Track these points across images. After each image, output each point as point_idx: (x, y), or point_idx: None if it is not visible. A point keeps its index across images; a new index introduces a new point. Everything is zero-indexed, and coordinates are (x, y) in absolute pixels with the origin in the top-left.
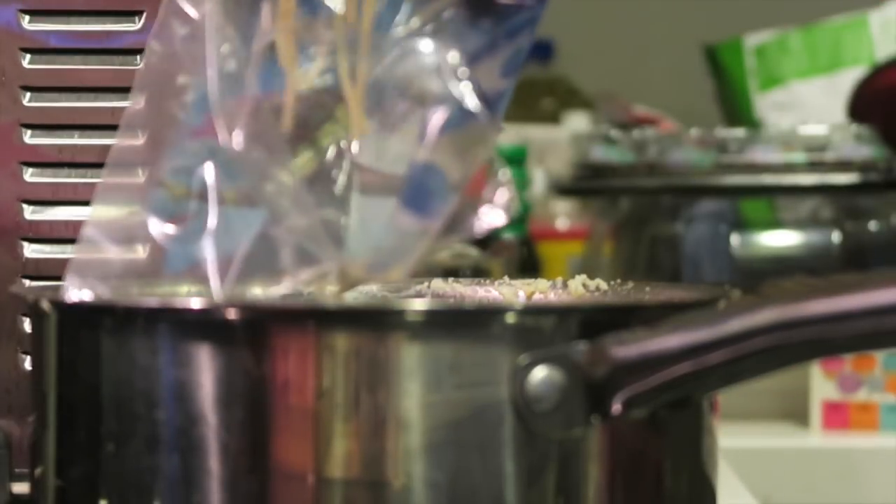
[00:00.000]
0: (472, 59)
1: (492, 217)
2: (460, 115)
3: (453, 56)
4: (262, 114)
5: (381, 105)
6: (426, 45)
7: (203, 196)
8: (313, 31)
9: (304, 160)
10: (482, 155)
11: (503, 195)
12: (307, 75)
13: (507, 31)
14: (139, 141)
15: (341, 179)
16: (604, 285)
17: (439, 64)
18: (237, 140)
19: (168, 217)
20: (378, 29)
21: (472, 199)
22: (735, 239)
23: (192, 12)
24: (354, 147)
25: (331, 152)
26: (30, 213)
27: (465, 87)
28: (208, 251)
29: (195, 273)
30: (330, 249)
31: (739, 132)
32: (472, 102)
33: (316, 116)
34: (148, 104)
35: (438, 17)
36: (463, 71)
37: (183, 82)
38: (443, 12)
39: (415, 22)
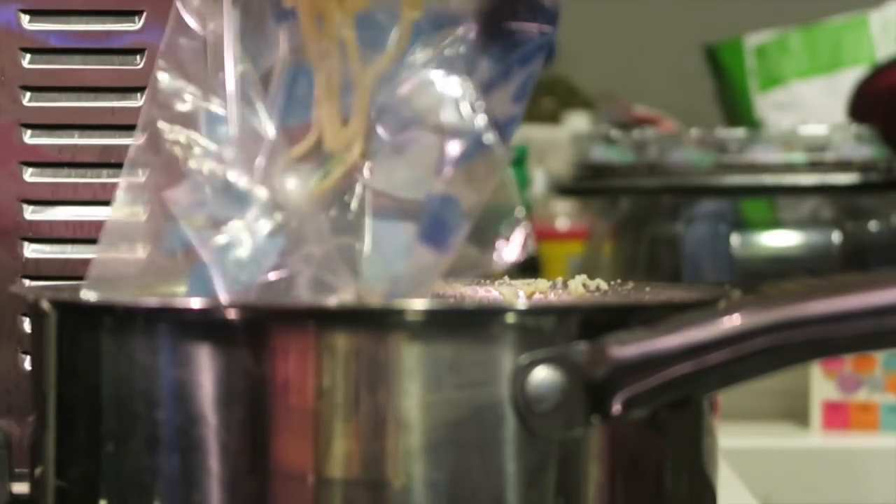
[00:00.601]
0: (486, 87)
1: (508, 253)
2: (476, 146)
3: (469, 87)
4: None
5: (394, 130)
6: (442, 76)
7: (219, 226)
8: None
9: (316, 185)
10: (494, 180)
11: (520, 233)
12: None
13: (520, 59)
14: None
15: (354, 204)
16: (604, 285)
17: (456, 95)
18: (259, 166)
19: (186, 249)
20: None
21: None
22: (735, 239)
23: (197, 28)
24: (367, 171)
25: (343, 177)
26: (30, 212)
27: (482, 119)
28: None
29: None
30: (346, 278)
31: (739, 132)
32: (489, 136)
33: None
34: (156, 131)
35: (452, 46)
36: (480, 104)
37: (195, 104)
38: (457, 41)
39: (429, 51)
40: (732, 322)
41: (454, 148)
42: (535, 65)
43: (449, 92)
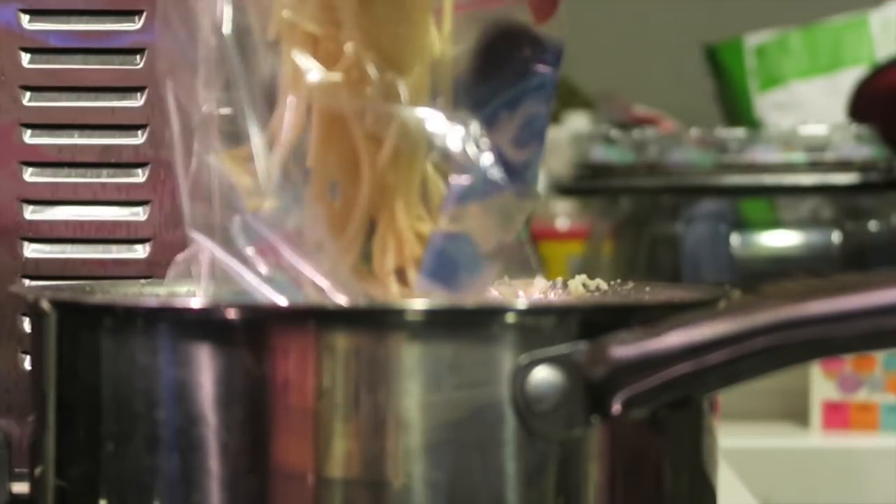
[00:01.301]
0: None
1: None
2: (485, 185)
3: (474, 126)
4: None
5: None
6: (445, 114)
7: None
8: None
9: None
10: (518, 224)
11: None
12: None
13: (507, 102)
14: None
15: None
16: (604, 285)
17: (460, 131)
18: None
19: None
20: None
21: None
22: (735, 239)
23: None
24: None
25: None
26: (29, 212)
27: (487, 157)
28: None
29: None
30: None
31: (739, 132)
32: (495, 173)
33: None
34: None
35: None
36: (484, 141)
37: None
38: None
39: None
40: (732, 322)
41: (460, 183)
42: (535, 106)
43: (452, 128)
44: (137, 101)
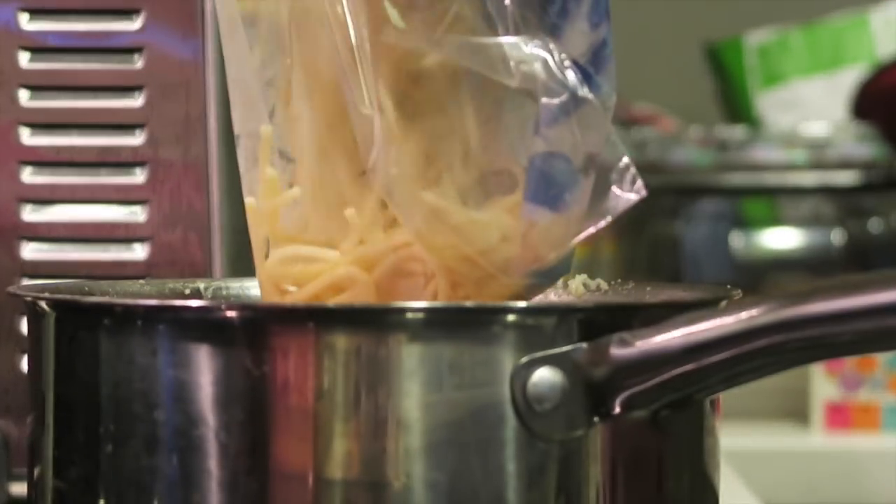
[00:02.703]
0: (553, 31)
1: (628, 195)
2: (571, 102)
3: (552, 46)
4: None
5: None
6: (519, 41)
7: None
8: None
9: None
10: (603, 131)
11: (630, 173)
12: None
13: None
14: None
15: None
16: (604, 285)
17: (540, 54)
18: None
19: None
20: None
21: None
22: (736, 238)
23: None
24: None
25: None
26: (28, 212)
27: (572, 75)
28: None
29: None
30: None
31: (740, 131)
32: (583, 91)
33: None
34: None
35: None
36: (564, 58)
37: None
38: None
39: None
40: (734, 322)
41: (548, 107)
42: None
43: (532, 52)
44: (136, 101)
